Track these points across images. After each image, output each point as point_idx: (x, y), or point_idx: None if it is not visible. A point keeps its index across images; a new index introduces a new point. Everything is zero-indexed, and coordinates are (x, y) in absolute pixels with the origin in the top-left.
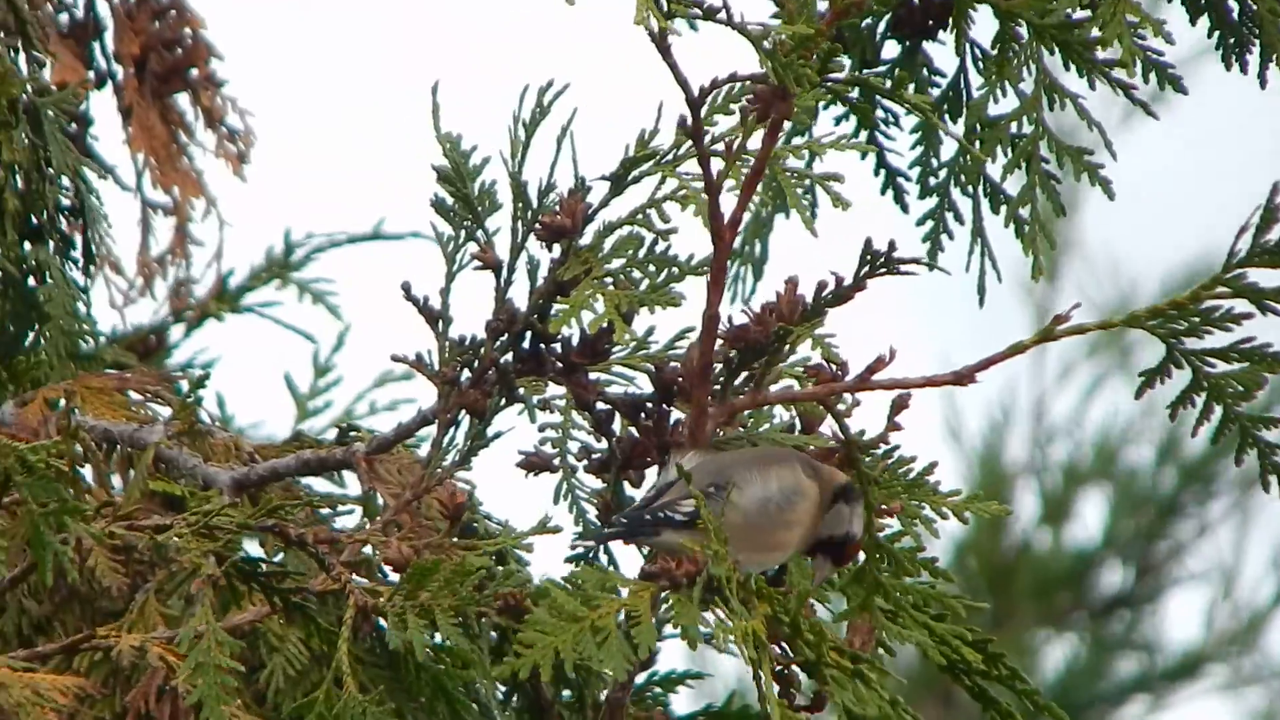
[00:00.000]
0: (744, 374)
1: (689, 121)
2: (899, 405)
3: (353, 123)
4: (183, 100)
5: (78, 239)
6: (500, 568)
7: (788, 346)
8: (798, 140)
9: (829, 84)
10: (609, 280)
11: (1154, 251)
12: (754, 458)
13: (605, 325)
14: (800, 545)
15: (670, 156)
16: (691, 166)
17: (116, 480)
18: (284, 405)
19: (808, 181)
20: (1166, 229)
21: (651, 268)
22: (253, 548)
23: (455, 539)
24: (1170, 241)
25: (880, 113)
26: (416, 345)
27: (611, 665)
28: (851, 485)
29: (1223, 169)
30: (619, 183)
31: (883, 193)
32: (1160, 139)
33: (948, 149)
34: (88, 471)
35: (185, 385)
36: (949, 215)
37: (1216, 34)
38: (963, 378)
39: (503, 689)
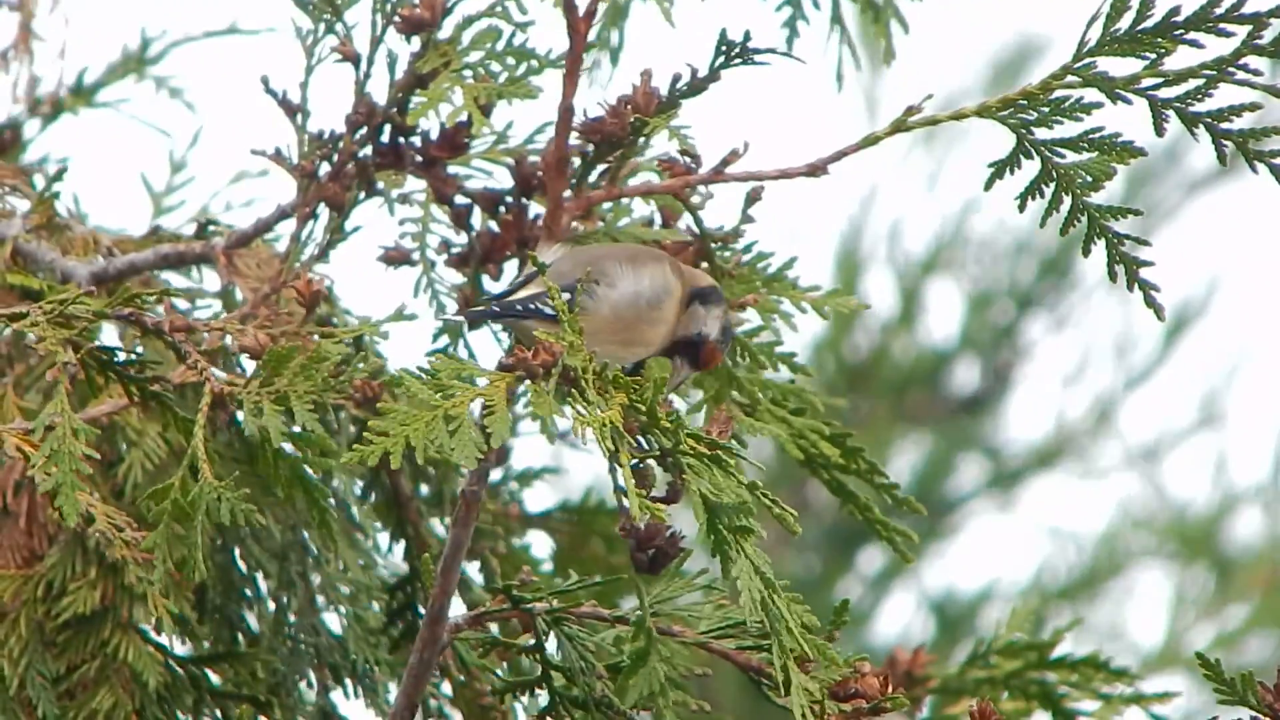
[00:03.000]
0: (601, 167)
1: None
2: (752, 198)
3: None
4: None
5: None
6: (359, 357)
7: (643, 139)
8: None
9: None
10: (468, 73)
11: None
12: (626, 254)
13: (464, 118)
14: (662, 344)
15: None
16: None
17: None
18: (140, 202)
19: None
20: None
21: (510, 60)
22: (112, 344)
23: (313, 329)
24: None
25: None
26: (274, 141)
27: (462, 455)
28: (713, 289)
29: None
30: None
31: None
32: None
33: None
34: None
35: (41, 180)
36: (805, 2)
37: None
38: (816, 169)
39: (360, 483)
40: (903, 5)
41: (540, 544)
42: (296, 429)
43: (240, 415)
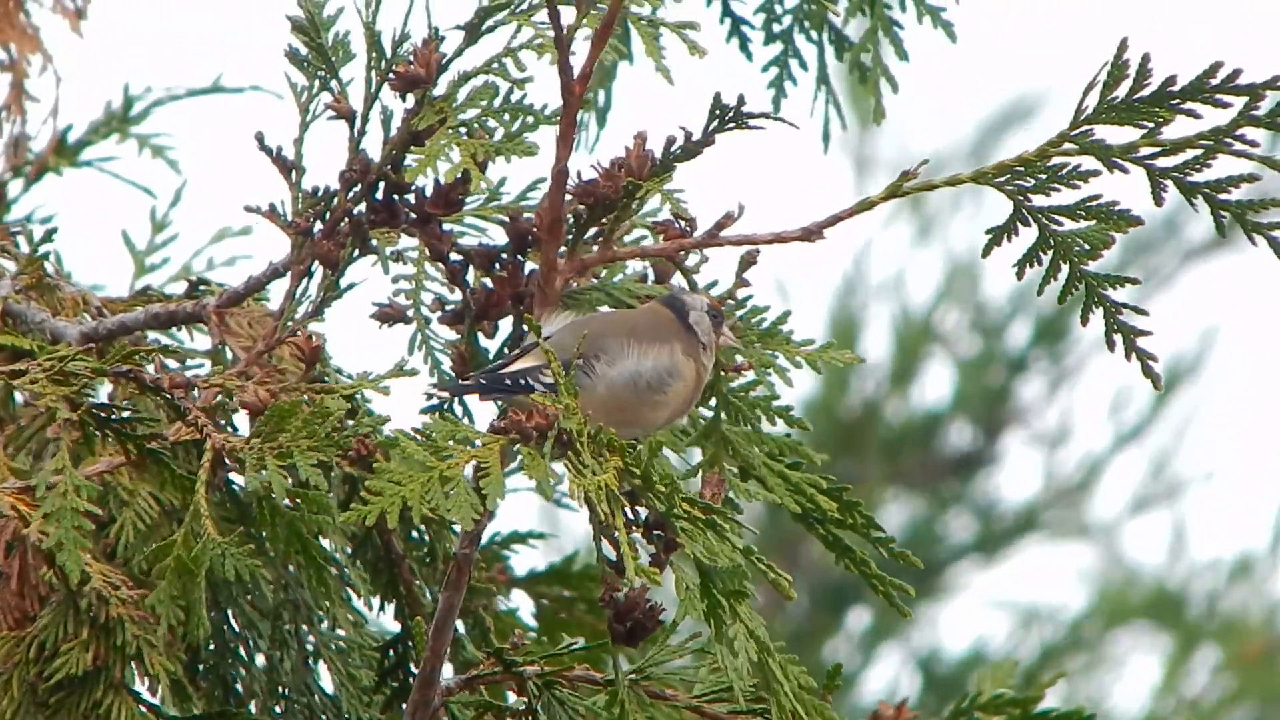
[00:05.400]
0: (594, 229)
1: None
2: (747, 261)
3: None
4: None
5: None
6: (350, 422)
7: (637, 201)
8: None
9: None
10: (463, 130)
11: (967, 97)
12: (633, 328)
13: (460, 175)
14: (672, 420)
15: (525, 5)
16: (547, 15)
17: None
18: (122, 261)
19: (661, 30)
20: (975, 72)
21: (506, 116)
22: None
23: (310, 384)
24: (981, 89)
25: None
26: (259, 199)
27: (459, 515)
28: (670, 297)
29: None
30: (474, 32)
31: (728, 40)
32: None
33: None
34: None
35: (30, 238)
36: (793, 62)
37: None
38: (811, 233)
39: (351, 546)
40: (891, 64)
41: (526, 607)
42: (292, 484)
43: (233, 475)
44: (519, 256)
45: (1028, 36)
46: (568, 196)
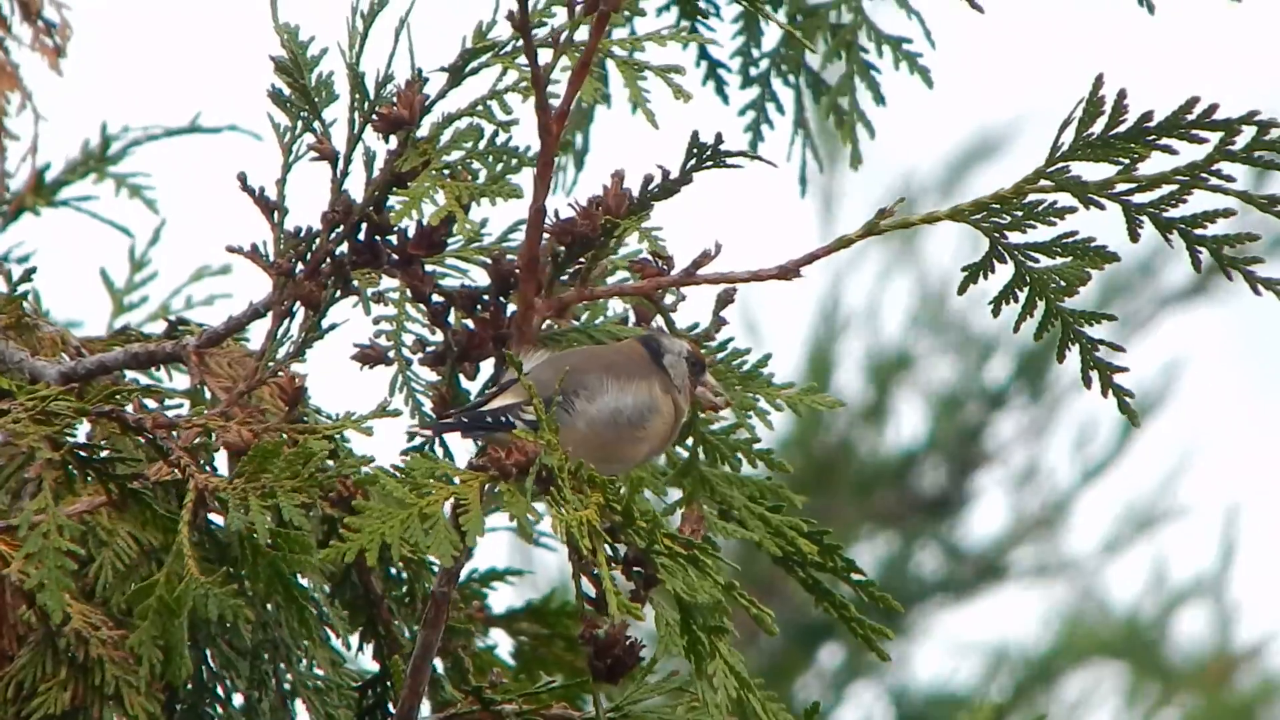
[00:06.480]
0: (573, 268)
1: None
2: (725, 300)
3: (170, 15)
4: None
5: None
6: (332, 463)
7: (615, 240)
8: (621, 33)
9: None
10: (447, 172)
11: (931, 134)
12: (611, 365)
13: (445, 217)
14: (651, 457)
15: (509, 48)
16: None
17: None
18: (100, 301)
19: (645, 73)
20: (941, 106)
21: (490, 159)
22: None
23: (292, 425)
24: (946, 124)
25: (701, 3)
26: (235, 239)
27: (438, 552)
28: (647, 336)
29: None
30: (457, 74)
31: (704, 84)
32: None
33: (769, 40)
34: None
35: (8, 277)
36: (770, 105)
37: None
38: (788, 272)
39: (329, 586)
40: (868, 108)
41: (505, 645)
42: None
43: (213, 515)
44: (501, 298)
45: (1000, 68)
46: (545, 236)
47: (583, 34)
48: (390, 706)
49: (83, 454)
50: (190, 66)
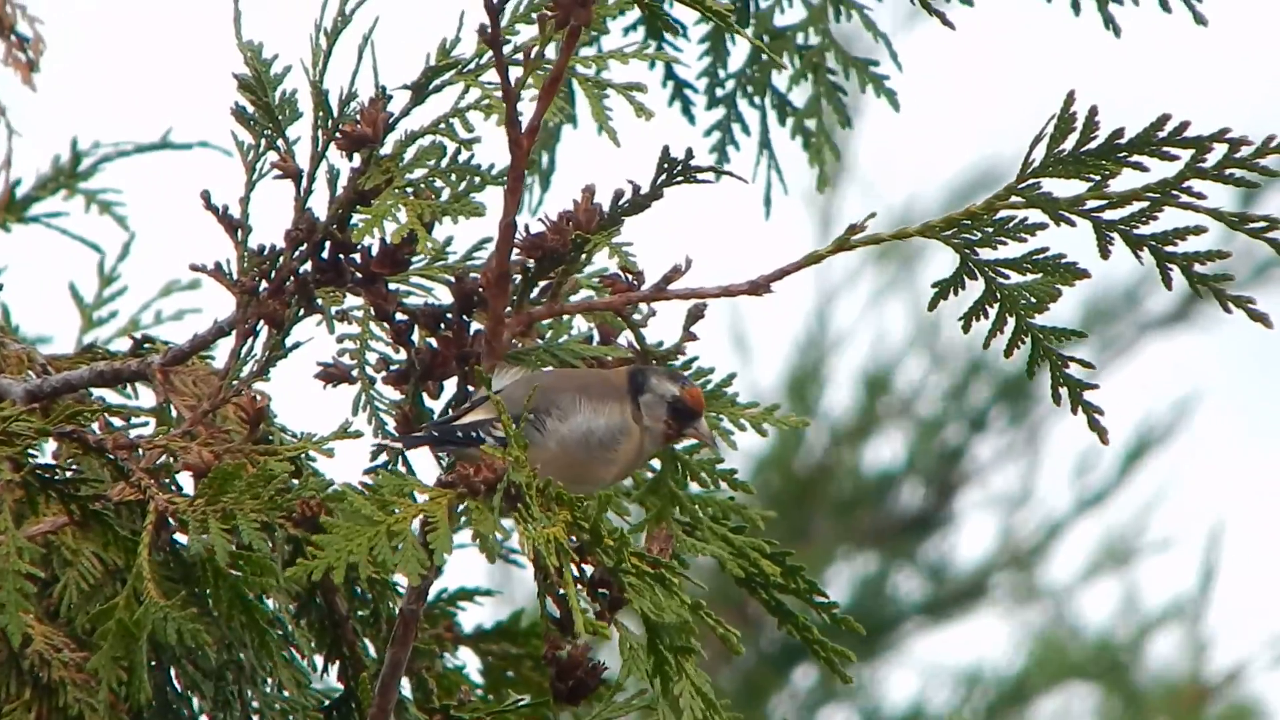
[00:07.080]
0: (542, 283)
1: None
2: (694, 315)
3: (142, 32)
4: None
5: None
6: (295, 482)
7: (585, 255)
8: (588, 51)
9: None
10: (410, 190)
11: (936, 157)
12: (583, 386)
13: (407, 235)
14: (624, 477)
15: (473, 66)
16: (495, 76)
17: None
18: (69, 317)
19: (608, 91)
20: (950, 133)
21: (453, 177)
22: (45, 461)
23: (254, 446)
24: (953, 147)
25: (670, 19)
26: (205, 255)
27: (406, 570)
28: (638, 369)
29: (1004, 74)
30: (420, 92)
31: (670, 104)
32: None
33: (736, 60)
34: None
35: None
36: (736, 126)
37: None
38: (759, 287)
39: (294, 606)
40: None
41: (474, 664)
42: (235, 548)
43: (178, 534)
44: (464, 316)
45: (1014, 96)
46: (515, 251)
47: (552, 51)
48: None
49: (44, 474)
50: (162, 82)
